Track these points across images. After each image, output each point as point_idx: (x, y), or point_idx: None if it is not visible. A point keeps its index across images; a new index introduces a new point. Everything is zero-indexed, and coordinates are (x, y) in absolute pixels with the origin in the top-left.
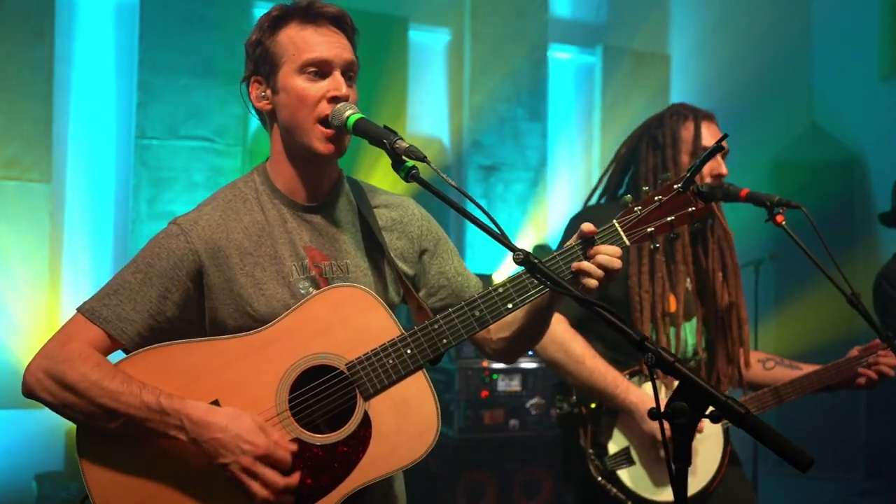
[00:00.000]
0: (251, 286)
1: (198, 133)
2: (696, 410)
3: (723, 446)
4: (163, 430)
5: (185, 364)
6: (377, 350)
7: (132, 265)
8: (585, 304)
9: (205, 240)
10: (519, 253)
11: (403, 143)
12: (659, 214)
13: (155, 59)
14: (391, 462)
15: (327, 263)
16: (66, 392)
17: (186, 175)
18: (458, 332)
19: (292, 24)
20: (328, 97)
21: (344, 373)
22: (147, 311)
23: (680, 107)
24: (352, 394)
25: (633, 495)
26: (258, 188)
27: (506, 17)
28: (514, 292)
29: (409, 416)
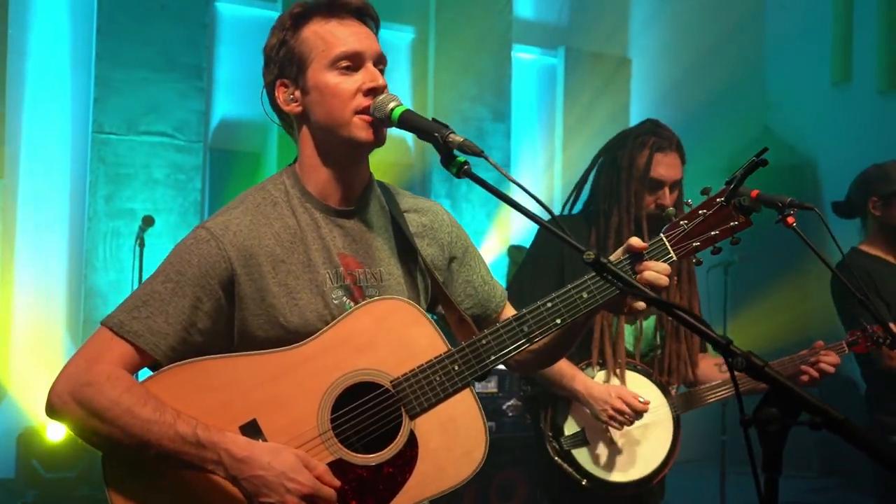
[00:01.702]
0: (284, 295)
1: (157, 128)
2: (789, 416)
3: (672, 434)
4: (199, 464)
5: (221, 381)
6: (423, 367)
7: (160, 274)
8: (664, 307)
9: (237, 246)
10: (590, 253)
11: (457, 137)
12: (703, 229)
13: (113, 52)
14: (439, 483)
15: (361, 271)
16: (94, 419)
17: (146, 171)
18: (506, 348)
19: (315, 20)
20: (364, 90)
21: (389, 390)
22: (180, 323)
23: (644, 132)
24: (397, 412)
25: (588, 474)
26: (288, 191)
27: (470, 16)
28: (563, 307)
29: (456, 434)
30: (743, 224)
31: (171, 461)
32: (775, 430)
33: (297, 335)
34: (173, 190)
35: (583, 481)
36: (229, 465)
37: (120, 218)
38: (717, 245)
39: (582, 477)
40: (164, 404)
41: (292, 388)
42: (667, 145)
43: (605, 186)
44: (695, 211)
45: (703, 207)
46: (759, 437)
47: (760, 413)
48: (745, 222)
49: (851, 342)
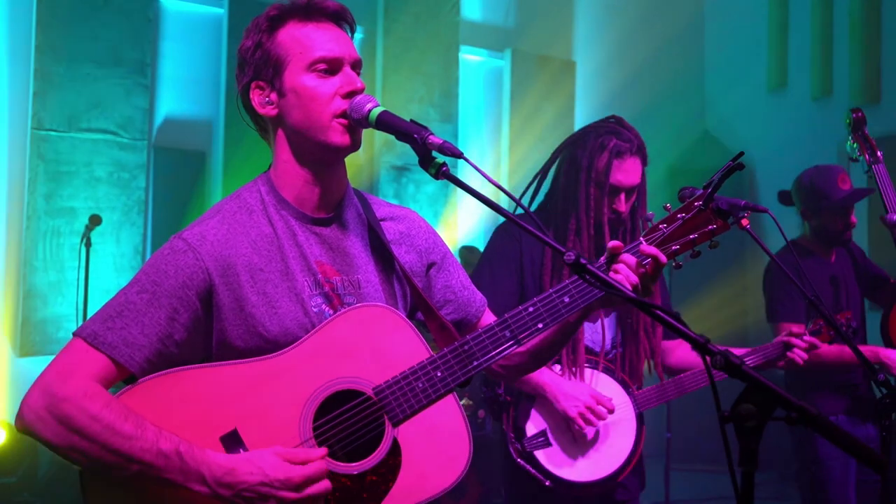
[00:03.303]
0: (263, 304)
1: (100, 125)
2: (765, 413)
3: (636, 431)
4: (181, 481)
5: (200, 392)
6: (406, 373)
7: (136, 284)
8: (644, 308)
9: (214, 256)
10: (570, 254)
11: (437, 139)
12: (682, 232)
13: (54, 46)
14: (423, 490)
15: (339, 279)
16: (73, 435)
17: (87, 169)
18: (489, 352)
19: (292, 23)
20: (342, 93)
21: (371, 398)
22: (156, 335)
23: (606, 132)
24: (380, 420)
25: (551, 475)
26: (264, 199)
27: (418, 18)
28: (545, 311)
29: (439, 441)
30: (721, 227)
31: (152, 479)
32: (752, 425)
33: (277, 344)
34: (116, 188)
35: (546, 482)
36: (212, 482)
37: (60, 217)
38: (695, 248)
39: (545, 478)
40: (145, 420)
41: (273, 397)
42: (627, 150)
43: (564, 187)
44: (673, 215)
45: (681, 211)
46: (737, 432)
47: (738, 409)
48: (723, 226)
49: (815, 331)
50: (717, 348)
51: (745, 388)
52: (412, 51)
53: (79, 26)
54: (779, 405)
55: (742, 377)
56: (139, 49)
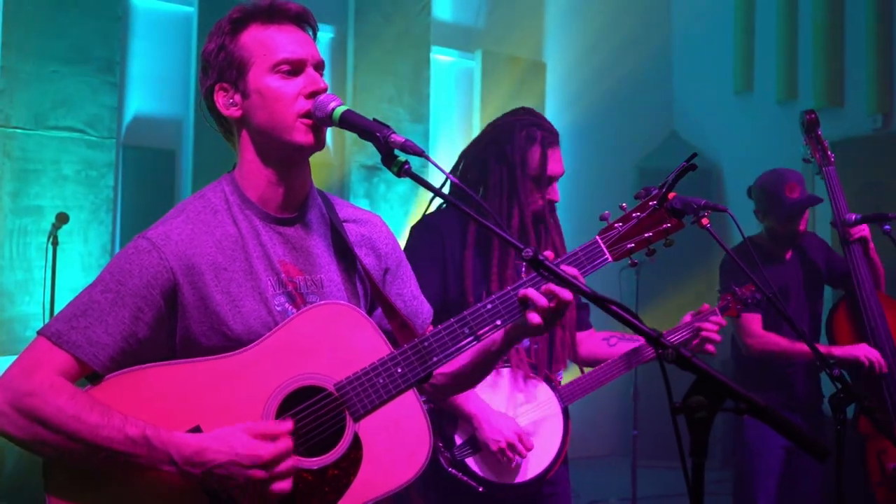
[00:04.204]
0: (227, 303)
1: (68, 123)
2: (715, 404)
3: (563, 426)
4: (150, 464)
5: (164, 388)
6: (367, 369)
7: (100, 283)
8: (600, 303)
9: (178, 256)
10: (528, 250)
11: (399, 138)
12: (637, 231)
13: (21, 43)
14: (384, 483)
15: (302, 278)
16: (38, 426)
17: (55, 168)
18: (448, 348)
19: (255, 25)
20: (306, 93)
21: (333, 394)
22: (120, 334)
23: (531, 123)
24: (341, 415)
25: (483, 481)
26: (228, 199)
27: (389, 17)
28: (503, 308)
29: (400, 435)
30: (675, 226)
31: (121, 464)
32: (702, 417)
33: (241, 342)
34: (84, 187)
35: (479, 488)
36: (181, 462)
37: (27, 215)
38: (650, 247)
39: (479, 484)
40: (111, 408)
41: (236, 393)
42: (554, 140)
43: (497, 183)
44: (629, 214)
45: (636, 211)
46: (687, 424)
47: (689, 401)
48: (677, 224)
49: (723, 307)
50: (669, 342)
51: (695, 380)
52: (383, 51)
53: (46, 24)
54: (728, 397)
55: (692, 369)
56: (108, 47)
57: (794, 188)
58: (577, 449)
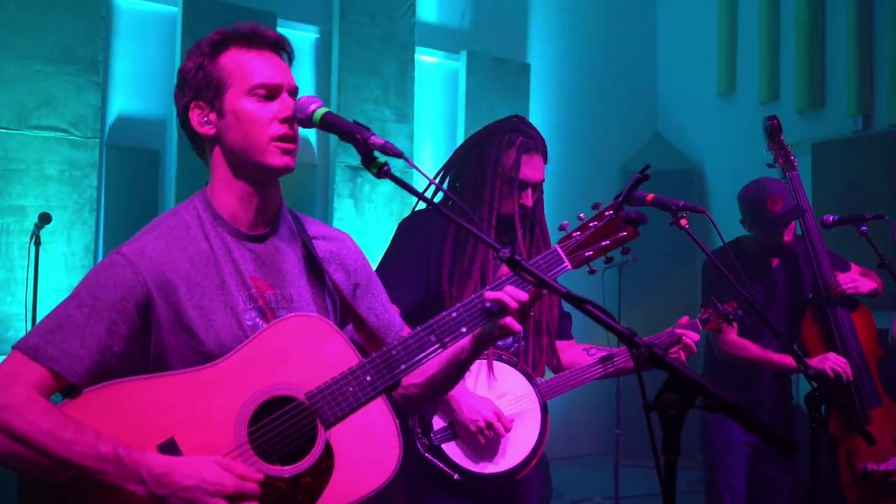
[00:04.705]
0: (199, 318)
1: (51, 123)
2: (687, 402)
3: (540, 420)
4: (119, 483)
5: (138, 402)
6: (337, 378)
7: (75, 298)
8: (575, 303)
9: (152, 270)
10: (505, 251)
11: (378, 139)
12: (594, 239)
13: (4, 43)
14: (356, 490)
15: (272, 293)
16: (11, 441)
17: (38, 168)
18: (415, 355)
19: (234, 48)
20: (279, 118)
21: (304, 403)
22: (96, 347)
23: (515, 129)
24: (312, 423)
25: (458, 468)
26: (201, 216)
27: (374, 18)
28: (467, 316)
29: (371, 442)
30: (631, 234)
31: (91, 482)
32: (674, 414)
33: (213, 356)
34: (68, 187)
35: (454, 476)
36: (150, 482)
37: (10, 215)
38: (608, 255)
39: (453, 471)
40: (84, 425)
41: (209, 405)
42: (533, 146)
43: (472, 183)
44: (586, 223)
45: (593, 220)
46: (660, 420)
47: (661, 399)
48: (632, 233)
49: (704, 319)
50: (642, 341)
51: (668, 378)
52: (368, 51)
53: (29, 23)
54: (700, 394)
55: (666, 368)
56: (91, 46)
57: (776, 200)
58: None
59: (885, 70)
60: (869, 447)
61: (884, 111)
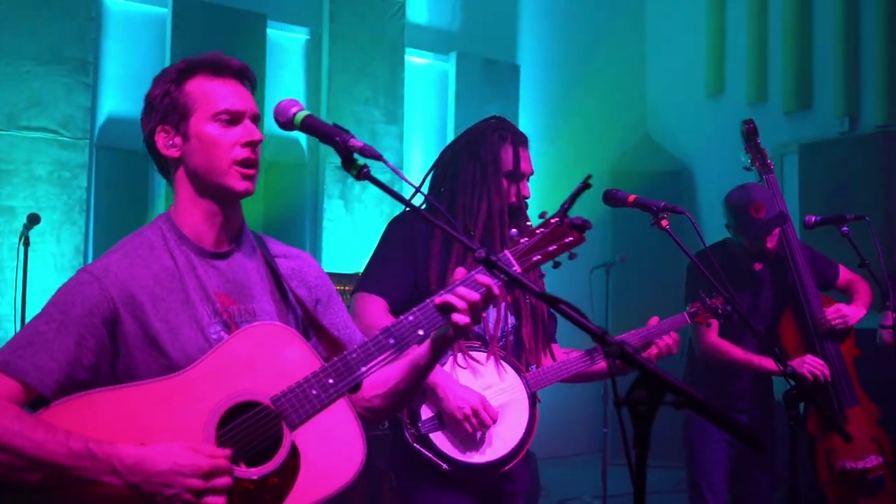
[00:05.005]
0: (166, 331)
1: (41, 124)
2: (656, 398)
3: (528, 411)
4: (93, 477)
5: (108, 411)
6: (300, 382)
7: (44, 315)
8: (549, 302)
9: (119, 286)
10: (480, 252)
11: (357, 142)
12: (542, 245)
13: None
14: (322, 488)
15: (236, 308)
16: None
17: (27, 168)
18: (373, 358)
19: (200, 76)
20: (241, 143)
21: (269, 407)
22: (65, 360)
23: (501, 127)
24: (278, 426)
25: (447, 457)
26: (165, 235)
27: (364, 20)
28: (423, 319)
29: (335, 442)
30: (577, 240)
31: (65, 479)
32: (644, 410)
33: (180, 368)
34: (57, 188)
35: (443, 465)
36: (124, 472)
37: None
38: (556, 259)
39: (442, 461)
40: (55, 426)
41: (177, 412)
42: (524, 140)
43: (470, 181)
44: (534, 230)
45: (540, 227)
46: (631, 416)
47: (632, 395)
48: (578, 238)
49: (692, 313)
50: (614, 339)
51: (638, 375)
52: (358, 53)
53: (20, 24)
54: (669, 391)
55: (635, 365)
56: (81, 47)
57: (759, 208)
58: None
59: (871, 72)
60: (847, 446)
61: (870, 112)
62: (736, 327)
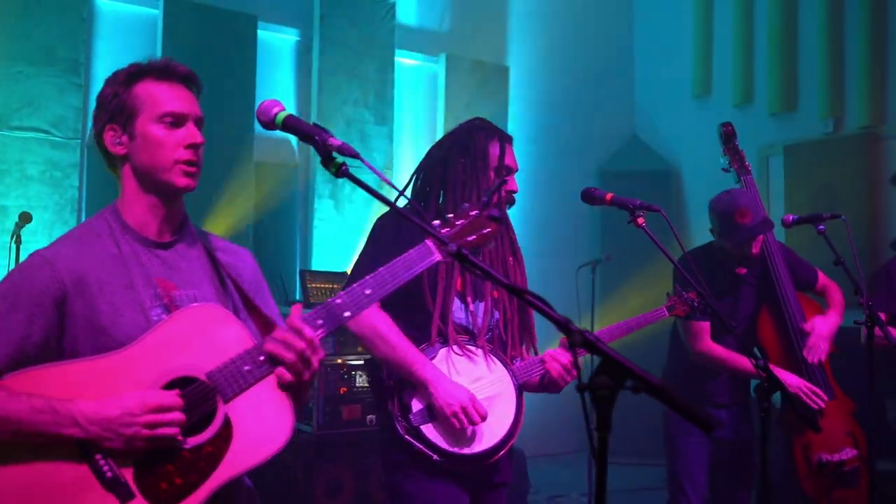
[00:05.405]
0: (110, 313)
1: (32, 124)
2: (617, 383)
3: (516, 403)
4: (56, 430)
5: (54, 384)
6: (234, 358)
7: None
8: (516, 293)
9: (68, 269)
10: (452, 246)
11: (335, 141)
12: (461, 235)
13: None
14: (253, 456)
15: (177, 293)
16: None
17: (19, 168)
18: None
19: (148, 80)
20: (184, 144)
21: (205, 381)
22: (16, 335)
23: (487, 125)
24: (213, 399)
25: (438, 449)
26: (111, 225)
27: (354, 21)
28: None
29: (266, 413)
30: (494, 231)
31: (28, 435)
32: (605, 394)
33: (122, 347)
34: (48, 187)
35: (433, 456)
36: (84, 422)
37: None
38: (475, 248)
39: (433, 452)
40: (16, 390)
41: (119, 385)
42: (509, 138)
43: (461, 178)
44: (452, 221)
45: (460, 219)
46: (593, 400)
47: (594, 380)
48: (496, 229)
49: (670, 307)
50: (576, 328)
51: (601, 362)
52: (348, 54)
53: (11, 24)
54: (629, 377)
55: (597, 352)
56: (73, 48)
57: (745, 213)
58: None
59: (855, 75)
60: (823, 439)
61: (854, 114)
62: (717, 329)
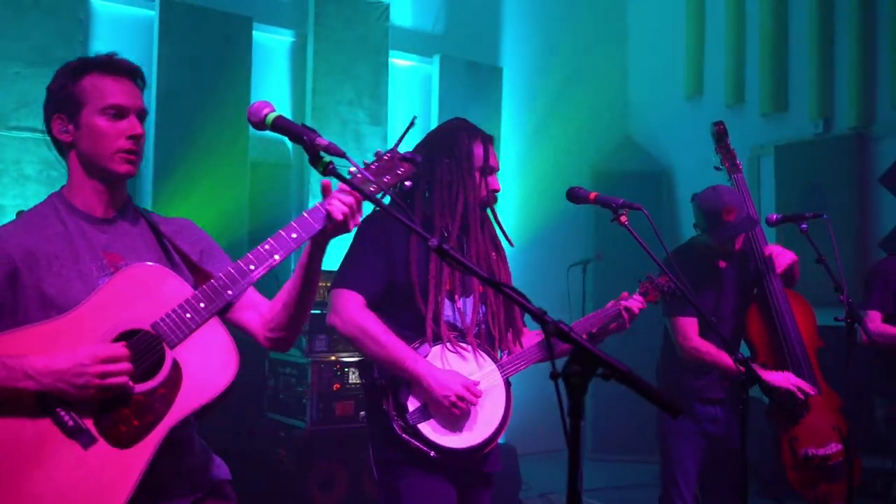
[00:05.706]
0: (58, 285)
1: (29, 124)
2: (589, 371)
3: (505, 395)
4: (10, 384)
5: (7, 349)
6: (175, 308)
7: None
8: (494, 286)
9: (17, 246)
10: (433, 240)
11: (322, 140)
12: (377, 175)
13: None
14: (204, 394)
15: (124, 263)
16: None
17: (16, 167)
18: (237, 282)
19: (94, 74)
20: (125, 135)
21: (150, 331)
22: None
23: (468, 126)
24: (160, 347)
25: (435, 445)
26: (58, 207)
27: (348, 22)
28: (278, 245)
29: (211, 354)
30: (407, 170)
31: None
32: (577, 382)
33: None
34: (45, 186)
35: (431, 453)
36: (36, 375)
37: None
38: (393, 187)
39: (430, 449)
40: None
41: (69, 344)
42: (490, 138)
43: (447, 178)
44: (368, 165)
45: (374, 163)
46: (566, 388)
47: (566, 369)
48: (408, 168)
49: (643, 293)
50: (551, 319)
51: (573, 351)
52: (342, 55)
53: (8, 26)
54: (600, 365)
55: (570, 342)
56: (69, 49)
57: (730, 211)
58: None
59: (845, 76)
60: (809, 433)
61: (844, 115)
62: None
